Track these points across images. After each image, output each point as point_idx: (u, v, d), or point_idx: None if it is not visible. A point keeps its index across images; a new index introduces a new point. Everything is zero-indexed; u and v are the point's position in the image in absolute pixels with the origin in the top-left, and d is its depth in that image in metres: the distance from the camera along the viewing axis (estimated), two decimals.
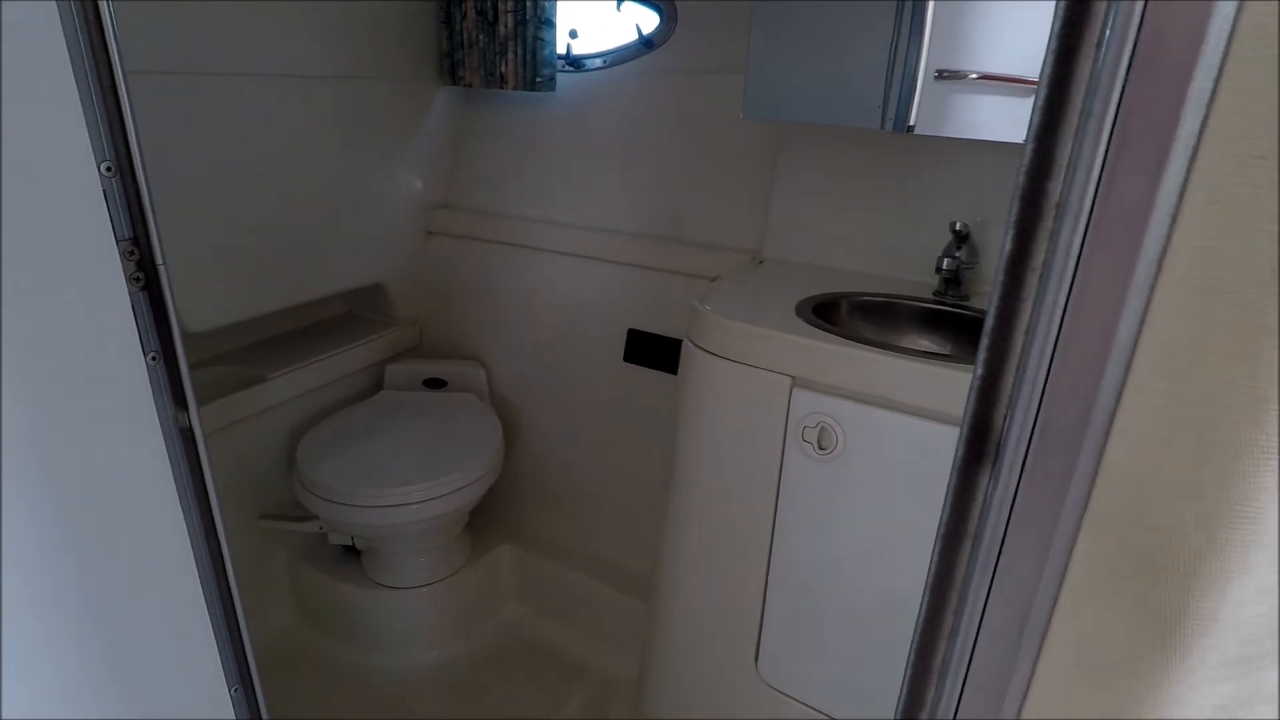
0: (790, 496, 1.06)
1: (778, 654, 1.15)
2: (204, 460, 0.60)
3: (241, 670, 0.67)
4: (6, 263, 0.45)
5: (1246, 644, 0.29)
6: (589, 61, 1.61)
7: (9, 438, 0.48)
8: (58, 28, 0.45)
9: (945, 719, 0.37)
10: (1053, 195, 0.29)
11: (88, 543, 0.54)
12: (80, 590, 0.54)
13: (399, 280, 1.79)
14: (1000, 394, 0.32)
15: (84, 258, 0.50)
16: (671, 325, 1.55)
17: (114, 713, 0.59)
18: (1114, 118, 0.26)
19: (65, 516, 0.52)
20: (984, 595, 0.34)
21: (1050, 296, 0.29)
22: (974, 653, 0.35)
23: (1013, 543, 0.33)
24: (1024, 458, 0.31)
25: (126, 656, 0.58)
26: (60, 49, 0.45)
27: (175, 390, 0.57)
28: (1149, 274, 0.27)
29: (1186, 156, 0.25)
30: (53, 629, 0.54)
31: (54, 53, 0.45)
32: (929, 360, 0.93)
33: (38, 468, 0.50)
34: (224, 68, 1.32)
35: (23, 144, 0.45)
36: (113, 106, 0.49)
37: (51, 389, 0.50)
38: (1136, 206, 0.26)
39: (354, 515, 1.38)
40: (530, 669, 1.58)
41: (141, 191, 0.51)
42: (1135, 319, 0.27)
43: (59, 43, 0.45)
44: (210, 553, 0.62)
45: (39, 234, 0.47)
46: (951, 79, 1.11)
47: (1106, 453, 0.29)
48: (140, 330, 0.54)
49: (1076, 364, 0.29)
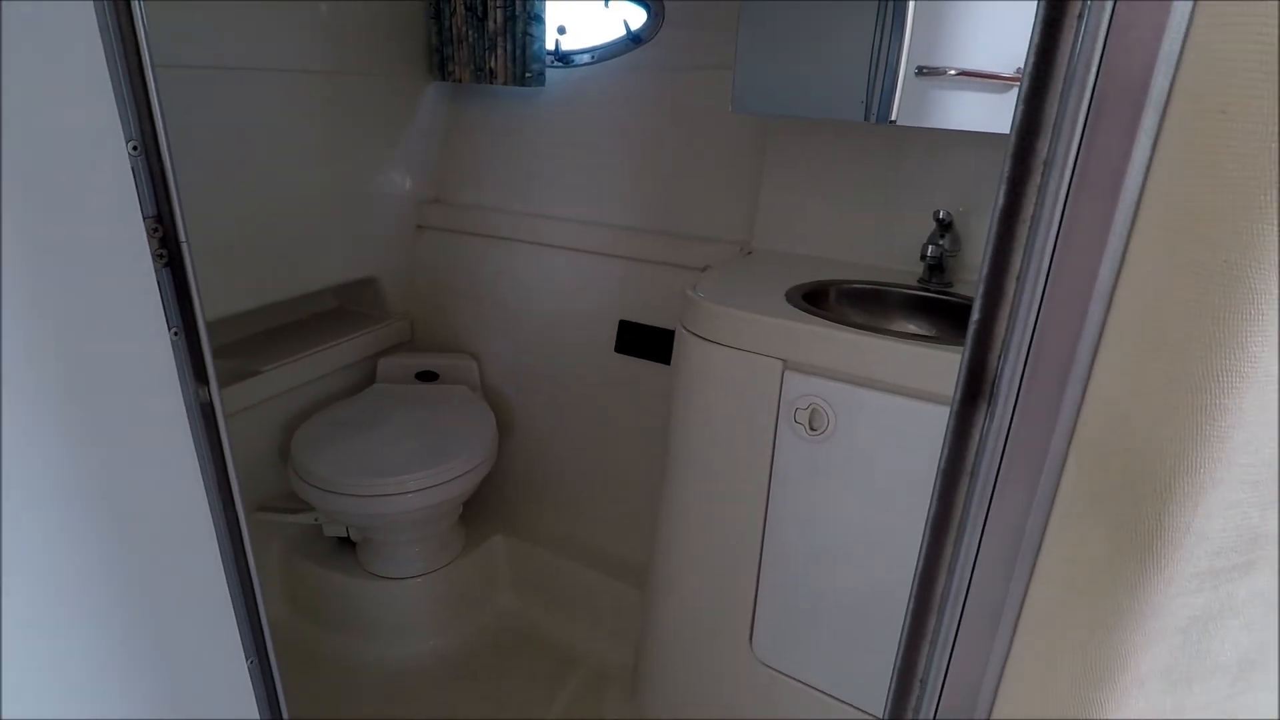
0: (783, 477, 1.09)
1: (772, 633, 1.18)
2: (223, 435, 0.62)
3: (258, 643, 0.69)
4: (43, 239, 0.47)
5: (1215, 557, 0.32)
6: (577, 57, 1.63)
7: (43, 409, 0.50)
8: (90, 9, 0.47)
9: (945, 646, 0.40)
10: (1041, 153, 0.32)
11: (114, 513, 0.56)
12: (106, 560, 0.56)
13: (390, 274, 1.80)
14: (994, 337, 0.35)
15: (114, 234, 0.51)
16: (661, 316, 1.58)
17: (138, 682, 0.61)
18: (1094, 80, 0.29)
19: (93, 488, 0.54)
20: (980, 526, 0.37)
21: (1039, 244, 0.32)
22: (971, 581, 0.38)
23: (1007, 474, 0.36)
24: (1017, 394, 0.35)
25: (150, 626, 0.60)
26: (92, 30, 0.47)
27: (197, 366, 0.59)
28: (1126, 221, 0.30)
29: (1158, 113, 0.29)
30: (79, 598, 0.56)
31: (86, 33, 0.47)
32: (916, 342, 0.97)
33: (68, 439, 0.52)
34: (212, 62, 1.32)
35: (58, 123, 0.47)
36: (139, 87, 0.51)
37: (82, 362, 0.51)
38: (1115, 160, 0.29)
39: (351, 505, 1.40)
40: (525, 658, 1.60)
41: (166, 170, 0.53)
42: (1115, 261, 0.31)
43: (91, 23, 0.47)
44: (229, 526, 0.64)
45: (73, 211, 0.49)
46: (931, 75, 1.15)
47: (1090, 385, 0.32)
48: (165, 306, 0.55)
49: (1063, 305, 0.32)
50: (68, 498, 0.53)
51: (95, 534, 0.55)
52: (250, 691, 0.70)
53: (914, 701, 0.42)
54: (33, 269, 0.47)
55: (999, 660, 0.38)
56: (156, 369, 0.56)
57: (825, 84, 1.23)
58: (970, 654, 0.39)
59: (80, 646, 0.56)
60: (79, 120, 0.48)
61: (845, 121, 1.31)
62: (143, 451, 0.57)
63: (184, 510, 0.60)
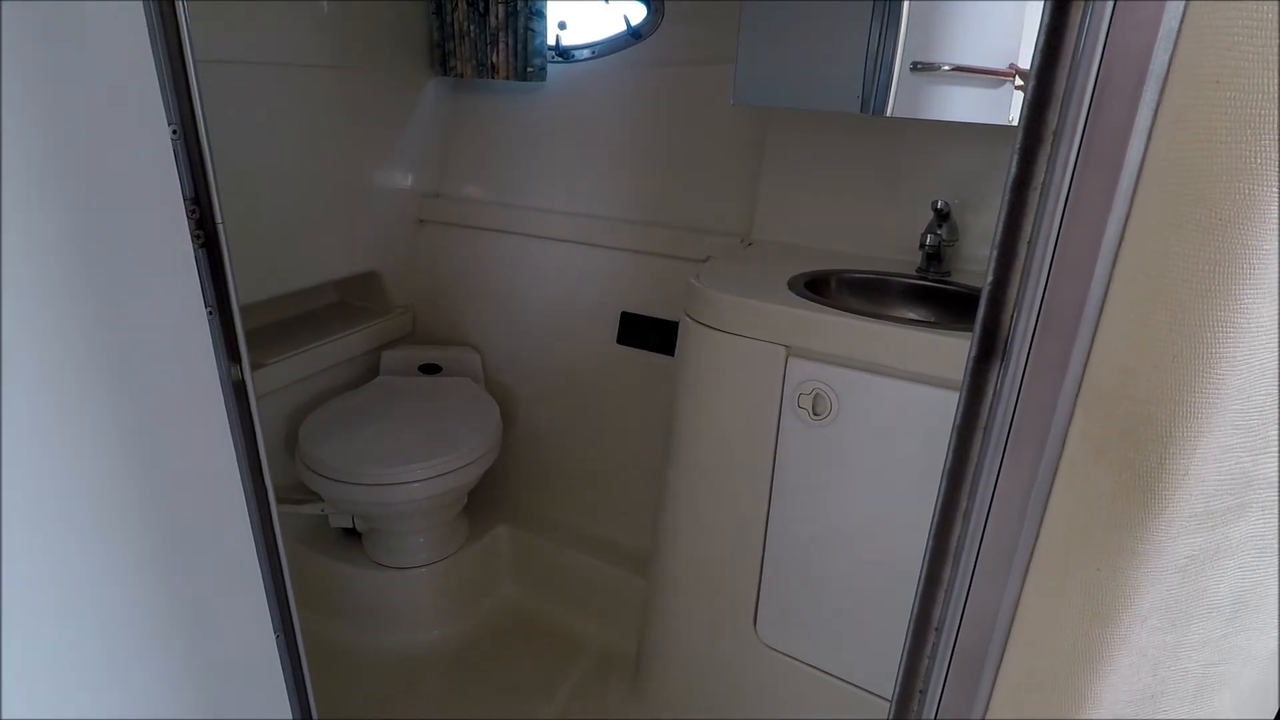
0: (786, 463, 1.11)
1: (776, 615, 1.20)
2: (254, 412, 0.64)
3: (284, 615, 0.71)
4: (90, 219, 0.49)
5: (1211, 499, 0.35)
6: (578, 52, 1.65)
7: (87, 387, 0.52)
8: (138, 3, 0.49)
9: (960, 591, 0.42)
10: (1051, 124, 0.34)
11: (153, 485, 0.58)
12: (146, 529, 0.58)
13: (392, 268, 1.82)
14: (1007, 298, 0.38)
15: (156, 215, 0.53)
16: (663, 307, 1.60)
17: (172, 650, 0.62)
18: (1100, 55, 0.32)
19: (135, 460, 0.56)
20: (995, 475, 0.40)
21: (1049, 210, 0.35)
22: (986, 528, 0.40)
23: (1019, 427, 0.38)
24: (1029, 350, 0.37)
25: (186, 595, 0.62)
26: (138, 17, 0.49)
27: (230, 345, 0.61)
28: (1129, 185, 0.33)
29: (1158, 85, 0.31)
30: (117, 565, 0.57)
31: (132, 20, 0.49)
32: (918, 327, 1.00)
33: (112, 413, 0.54)
34: (212, 56, 1.32)
35: (104, 106, 0.49)
36: (180, 71, 0.53)
37: (124, 339, 0.53)
38: (1119, 129, 0.32)
39: (358, 494, 1.41)
40: (529, 645, 1.62)
41: (204, 154, 0.55)
42: (1119, 223, 0.33)
43: (137, 11, 0.49)
44: (259, 500, 0.66)
45: (118, 193, 0.51)
46: (925, 71, 1.18)
47: (1097, 338, 0.35)
48: (202, 286, 0.57)
49: (1071, 265, 0.35)
50: (110, 469, 0.55)
51: (136, 504, 0.57)
52: (278, 662, 0.72)
53: (930, 646, 0.45)
54: (80, 249, 0.49)
55: (1011, 601, 0.41)
56: (194, 347, 0.58)
57: (823, 78, 1.26)
58: (985, 597, 0.41)
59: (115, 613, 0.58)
60: (125, 104, 0.50)
61: (843, 115, 1.34)
62: (180, 425, 0.59)
63: (219, 483, 0.62)
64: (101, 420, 0.53)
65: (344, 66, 1.57)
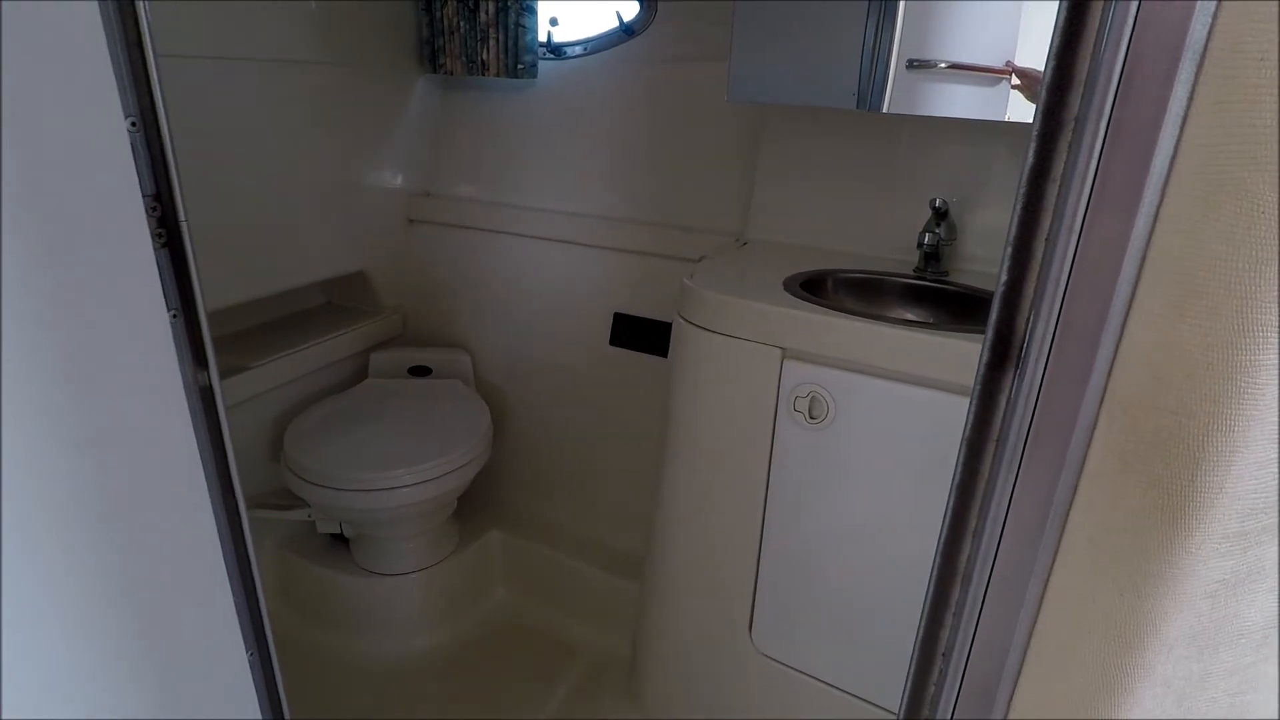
0: (782, 466, 1.08)
1: (772, 623, 1.17)
2: (223, 420, 0.61)
3: (258, 635, 0.68)
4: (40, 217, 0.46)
5: (1246, 518, 0.32)
6: (570, 49, 1.62)
7: (38, 394, 0.48)
8: None
9: (970, 616, 0.39)
10: (1072, 109, 0.31)
11: (112, 499, 0.54)
12: (103, 547, 0.55)
13: (381, 269, 1.79)
14: (1023, 299, 0.35)
15: (112, 212, 0.50)
16: (657, 308, 1.58)
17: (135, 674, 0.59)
18: (1131, 29, 0.29)
19: (92, 474, 0.53)
20: (1009, 491, 0.37)
21: (1071, 203, 0.32)
22: (999, 548, 0.38)
23: (1036, 437, 0.35)
24: (1048, 356, 0.34)
25: (148, 615, 0.59)
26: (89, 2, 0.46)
27: (196, 349, 0.58)
28: (1161, 175, 0.30)
29: (1195, 62, 0.28)
30: (74, 586, 0.54)
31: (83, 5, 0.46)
32: (916, 328, 0.97)
33: (64, 423, 0.50)
34: (196, 50, 1.30)
35: (54, 97, 0.46)
36: (138, 60, 0.49)
37: (78, 344, 0.50)
38: (1150, 112, 0.29)
39: (345, 500, 1.38)
40: (522, 652, 1.59)
41: (165, 148, 0.52)
42: (1149, 217, 0.30)
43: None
44: (228, 513, 0.63)
45: (71, 187, 0.47)
46: (922, 68, 1.16)
47: (1123, 343, 0.32)
48: (164, 287, 0.54)
49: (1095, 263, 0.32)
50: (63, 483, 0.52)
51: (91, 521, 0.54)
52: (250, 684, 0.69)
53: (936, 675, 0.42)
54: (28, 248, 0.46)
55: (1025, 628, 0.38)
56: (155, 351, 0.55)
57: (819, 74, 1.24)
58: (996, 623, 0.38)
59: (76, 637, 0.55)
60: (76, 94, 0.47)
61: (839, 113, 1.31)
62: (141, 435, 0.55)
63: (183, 496, 0.59)
64: (51, 432, 0.49)
65: (332, 63, 1.54)
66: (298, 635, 1.58)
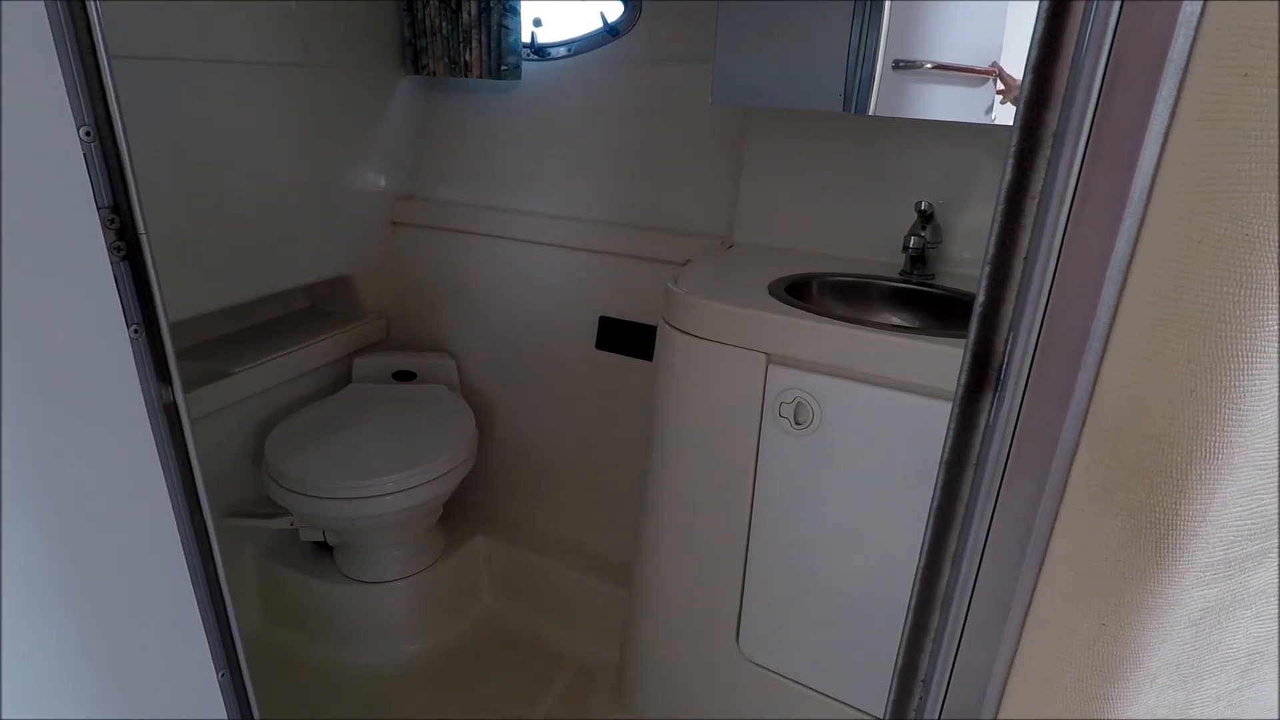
0: (768, 472, 1.07)
1: (759, 630, 1.16)
2: (189, 437, 0.59)
3: (229, 655, 0.66)
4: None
5: (1230, 546, 0.31)
6: (553, 50, 1.60)
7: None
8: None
9: (951, 643, 0.38)
10: (1050, 124, 0.30)
11: (72, 524, 0.53)
12: (65, 574, 0.53)
13: (364, 273, 1.77)
14: (1001, 320, 0.34)
15: (64, 225, 0.48)
16: (642, 312, 1.56)
17: (100, 699, 0.57)
18: (1110, 44, 0.28)
19: (48, 497, 0.51)
20: (988, 518, 0.35)
21: (1050, 221, 0.31)
22: (978, 576, 0.36)
23: (1016, 463, 0.34)
24: (1026, 379, 0.33)
25: (113, 640, 0.57)
26: (37, 6, 0.44)
27: (159, 364, 0.56)
28: (1143, 194, 0.29)
29: (1177, 78, 0.27)
30: (38, 613, 0.52)
31: (31, 9, 0.44)
32: (901, 333, 0.96)
33: (18, 447, 0.49)
34: (174, 52, 1.27)
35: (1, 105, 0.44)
36: (91, 67, 0.48)
37: (31, 363, 0.48)
38: (1131, 129, 0.28)
39: (328, 508, 1.36)
40: (509, 659, 1.58)
41: (123, 157, 0.50)
42: (1130, 237, 0.29)
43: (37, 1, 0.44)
44: (196, 533, 0.61)
45: (18, 200, 0.46)
46: (908, 69, 1.15)
47: (1104, 367, 0.31)
48: (123, 302, 0.52)
49: (1075, 284, 0.31)
50: (19, 507, 0.50)
51: (50, 545, 0.52)
52: (222, 706, 0.67)
53: (916, 702, 0.41)
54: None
55: (1006, 657, 0.36)
56: (115, 368, 0.53)
57: (804, 76, 1.23)
58: (976, 651, 0.37)
59: (36, 665, 0.53)
60: (23, 103, 0.45)
61: (825, 114, 1.30)
62: (101, 456, 0.54)
63: (146, 517, 0.57)
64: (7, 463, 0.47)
65: (312, 65, 1.52)
66: (281, 645, 1.56)
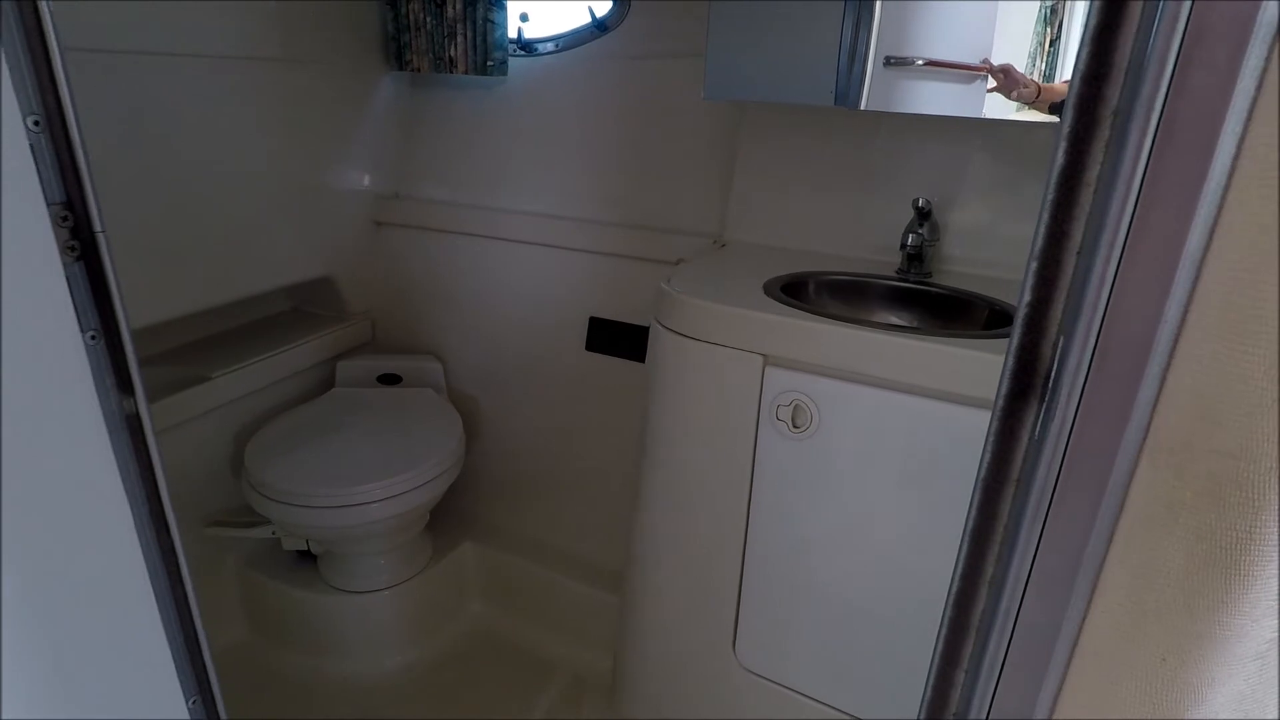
0: (765, 477, 1.04)
1: (756, 637, 1.14)
2: (153, 451, 0.55)
3: (200, 679, 0.62)
4: None
5: None
6: (541, 46, 1.57)
7: None
8: None
9: (988, 676, 0.35)
10: (1110, 100, 0.27)
11: (25, 545, 0.48)
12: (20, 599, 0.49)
13: (347, 273, 1.72)
14: (1049, 322, 0.31)
15: (9, 223, 0.44)
16: (633, 312, 1.53)
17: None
18: (1189, 10, 0.25)
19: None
20: (1035, 540, 0.32)
21: (1113, 210, 0.27)
22: (1022, 603, 0.33)
23: (1066, 481, 0.31)
24: (1082, 387, 0.30)
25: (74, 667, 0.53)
26: None
27: (119, 373, 0.52)
28: (1221, 178, 0.25)
29: (1266, 45, 0.24)
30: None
31: None
32: (902, 333, 0.93)
33: None
34: (150, 45, 1.23)
35: None
36: (39, 51, 0.44)
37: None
38: (1209, 105, 0.25)
39: (310, 517, 1.32)
40: (499, 668, 1.54)
41: (75, 150, 0.46)
42: (1205, 228, 0.26)
43: None
44: (162, 552, 0.57)
45: None
46: (899, 65, 1.14)
47: (1171, 374, 0.28)
48: (77, 306, 0.48)
49: (1140, 280, 0.28)
50: None
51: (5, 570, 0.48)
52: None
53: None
54: None
55: (1050, 693, 0.33)
56: (67, 377, 0.49)
57: (796, 71, 1.21)
58: (1018, 684, 0.34)
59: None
60: None
61: (818, 111, 1.28)
62: (53, 473, 0.49)
63: (107, 538, 0.53)
64: None
65: (292, 60, 1.47)
66: (265, 657, 1.51)
